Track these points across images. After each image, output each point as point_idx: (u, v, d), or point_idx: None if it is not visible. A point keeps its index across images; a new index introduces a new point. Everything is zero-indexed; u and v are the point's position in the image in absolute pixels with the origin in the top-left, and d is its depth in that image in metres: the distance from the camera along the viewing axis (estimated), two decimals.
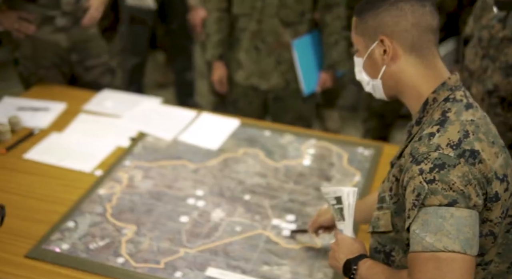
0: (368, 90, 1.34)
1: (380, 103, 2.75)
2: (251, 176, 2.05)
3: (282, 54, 2.57)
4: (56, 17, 2.43)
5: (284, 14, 2.49)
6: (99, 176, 2.03)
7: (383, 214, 1.27)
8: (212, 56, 2.68)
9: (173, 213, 1.86)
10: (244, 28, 2.57)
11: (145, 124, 2.33)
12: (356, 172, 2.08)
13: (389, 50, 1.23)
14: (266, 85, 2.63)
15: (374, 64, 1.28)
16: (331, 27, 2.54)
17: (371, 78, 1.30)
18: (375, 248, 1.32)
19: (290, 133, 2.30)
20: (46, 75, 2.57)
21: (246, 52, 2.60)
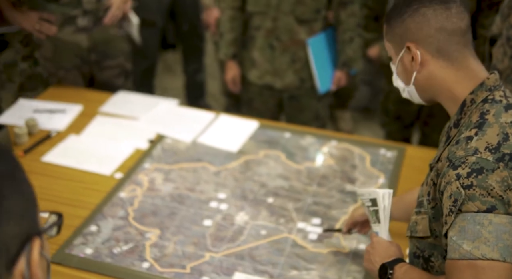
0: (405, 96, 1.33)
1: (396, 107, 2.72)
2: (273, 178, 2.02)
3: (296, 52, 2.54)
4: (77, 17, 2.41)
5: (299, 12, 2.46)
6: (119, 179, 2.00)
7: (421, 219, 1.25)
8: (225, 55, 2.66)
9: (196, 217, 1.83)
10: (258, 26, 2.54)
11: (163, 126, 2.30)
12: (380, 174, 2.05)
13: (416, 56, 1.22)
14: (280, 84, 2.60)
15: (405, 71, 1.27)
16: (346, 24, 2.52)
17: (405, 85, 1.29)
18: (414, 253, 1.30)
19: (310, 135, 2.27)
20: (66, 76, 2.54)
21: (260, 50, 2.57)
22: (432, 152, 2.23)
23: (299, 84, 2.60)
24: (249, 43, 2.61)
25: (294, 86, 2.61)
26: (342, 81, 2.63)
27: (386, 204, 1.32)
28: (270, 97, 2.66)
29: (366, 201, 1.38)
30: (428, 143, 2.73)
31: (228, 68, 2.69)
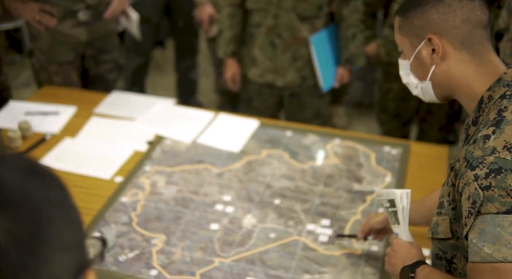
0: (416, 93, 1.28)
1: (395, 104, 2.69)
2: (278, 179, 1.97)
3: (298, 50, 2.49)
4: (79, 11, 2.35)
5: (301, 8, 2.41)
6: (119, 183, 1.94)
7: (442, 220, 1.21)
8: (225, 53, 2.60)
9: (202, 221, 1.77)
10: (258, 23, 2.48)
11: (161, 127, 2.24)
12: (386, 172, 2.01)
13: (438, 48, 1.17)
14: (281, 82, 2.55)
15: (422, 65, 1.21)
16: (348, 20, 2.47)
17: (419, 81, 1.24)
18: (436, 254, 1.26)
19: (312, 133, 2.22)
20: (58, 71, 2.48)
21: (261, 48, 2.52)
22: (437, 149, 2.20)
23: (301, 82, 2.55)
24: (248, 40, 2.56)
25: (296, 84, 2.56)
26: (345, 78, 2.59)
27: (405, 205, 1.28)
28: (270, 96, 2.61)
29: (384, 202, 1.34)
30: (426, 140, 2.70)
31: (228, 66, 2.63)
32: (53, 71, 2.48)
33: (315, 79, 2.55)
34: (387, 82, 2.66)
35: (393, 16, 2.52)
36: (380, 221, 1.59)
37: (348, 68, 2.57)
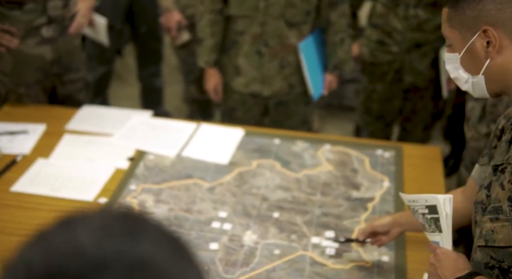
0: (465, 88, 1.19)
1: (379, 106, 2.64)
2: (273, 190, 1.88)
3: (286, 58, 2.37)
4: (42, 27, 2.17)
5: (290, 15, 2.30)
6: (104, 204, 1.80)
7: (501, 226, 1.12)
8: (206, 63, 2.46)
9: (200, 241, 1.66)
10: (242, 31, 2.36)
11: (141, 141, 2.11)
12: (383, 177, 1.94)
13: (494, 41, 1.10)
14: (268, 91, 2.43)
15: (474, 59, 1.14)
16: (336, 25, 2.37)
17: (471, 75, 1.16)
18: (487, 263, 1.17)
19: (301, 140, 2.14)
20: (27, 93, 2.29)
21: (246, 57, 2.39)
22: (429, 150, 2.16)
23: (288, 90, 2.44)
24: (231, 49, 2.42)
25: (283, 92, 2.44)
26: (333, 85, 2.50)
27: (448, 211, 1.20)
28: (254, 105, 2.49)
29: (420, 208, 1.25)
30: (409, 140, 2.66)
31: (209, 76, 2.49)
32: (22, 93, 2.30)
33: (303, 87, 2.45)
34: (371, 83, 2.60)
35: (375, 15, 2.47)
36: (384, 224, 1.51)
37: (336, 74, 2.49)
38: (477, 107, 1.98)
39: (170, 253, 0.49)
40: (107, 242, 0.49)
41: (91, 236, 0.49)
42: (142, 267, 0.47)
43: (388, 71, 2.52)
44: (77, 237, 0.49)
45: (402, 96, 2.59)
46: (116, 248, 0.48)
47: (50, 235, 0.51)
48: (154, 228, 0.51)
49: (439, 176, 1.97)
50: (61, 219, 0.53)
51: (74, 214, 0.54)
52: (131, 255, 0.48)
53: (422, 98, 2.59)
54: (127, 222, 0.51)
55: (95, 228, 0.50)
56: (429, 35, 2.43)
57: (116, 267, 0.47)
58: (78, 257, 0.48)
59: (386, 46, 2.48)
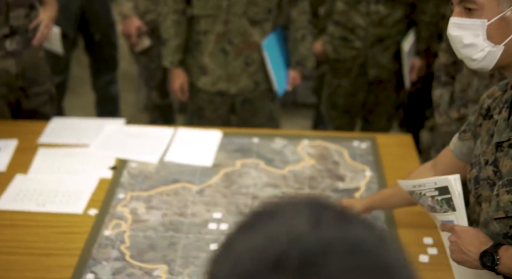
0: (477, 57, 1.19)
1: (345, 100, 2.72)
2: (262, 188, 1.91)
3: (250, 55, 2.43)
4: (5, 39, 2.11)
5: (253, 12, 2.36)
6: (95, 215, 1.78)
7: None
8: (171, 63, 2.48)
9: (200, 243, 1.67)
10: (206, 30, 2.40)
11: (121, 150, 2.09)
12: (364, 167, 2.02)
13: None
14: (234, 89, 2.48)
15: (504, 28, 1.16)
16: (297, 22, 2.45)
17: (492, 44, 1.17)
18: (506, 234, 1.22)
19: (279, 137, 2.18)
20: None
21: (211, 56, 2.43)
22: (401, 138, 2.26)
23: (254, 87, 2.50)
24: (195, 49, 2.46)
25: (249, 90, 2.50)
26: (296, 81, 2.56)
27: (460, 189, 1.27)
28: (221, 104, 2.53)
29: (428, 191, 1.31)
30: (373, 130, 2.76)
31: (175, 76, 2.52)
32: None
33: (268, 84, 2.51)
34: (336, 78, 2.68)
35: (335, 12, 2.54)
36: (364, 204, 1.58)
37: (299, 70, 2.56)
38: (445, 94, 2.09)
39: (376, 236, 0.52)
40: (323, 228, 0.51)
41: (305, 224, 0.51)
42: (359, 250, 0.50)
43: (353, 66, 2.61)
44: (291, 226, 0.51)
45: (367, 89, 2.68)
46: (334, 233, 0.50)
47: (260, 226, 0.53)
48: (354, 214, 0.54)
49: (415, 162, 2.06)
50: (260, 212, 0.55)
51: (268, 207, 0.56)
52: (348, 239, 0.50)
53: (385, 90, 2.69)
54: (329, 210, 0.53)
55: (304, 216, 0.52)
56: (390, 29, 2.53)
57: (338, 250, 0.49)
58: (299, 243, 0.49)
59: (350, 42, 2.57)
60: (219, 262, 0.53)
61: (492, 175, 1.24)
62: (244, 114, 2.57)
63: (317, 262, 0.48)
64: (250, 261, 0.50)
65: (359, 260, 0.49)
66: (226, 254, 0.53)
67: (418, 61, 2.64)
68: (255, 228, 0.53)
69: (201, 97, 2.54)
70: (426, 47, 2.62)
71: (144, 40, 2.87)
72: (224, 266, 0.52)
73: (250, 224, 0.54)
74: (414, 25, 2.60)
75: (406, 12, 2.52)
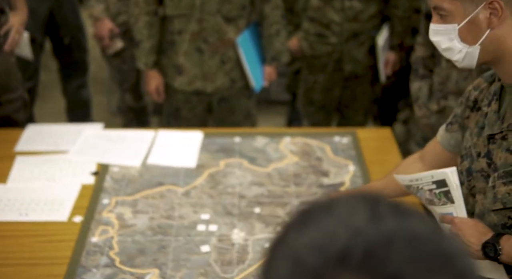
0: (456, 58, 1.24)
1: (322, 96, 2.73)
2: (248, 187, 1.91)
3: (226, 53, 2.43)
4: None
5: (226, 10, 2.35)
6: (81, 222, 1.75)
7: None
8: (146, 65, 2.46)
9: (190, 245, 1.66)
10: (180, 30, 2.38)
11: (101, 155, 2.06)
12: (347, 161, 2.03)
13: (500, 12, 1.16)
14: (211, 87, 2.47)
15: (475, 29, 1.19)
16: (271, 17, 2.46)
17: (467, 45, 1.21)
18: (504, 224, 1.24)
19: (260, 135, 2.18)
20: None
21: (186, 55, 2.41)
22: (381, 132, 2.28)
23: (230, 85, 2.49)
24: (169, 49, 2.44)
25: (225, 87, 2.49)
26: (272, 76, 2.57)
27: (457, 182, 1.28)
28: (198, 103, 2.52)
29: (425, 184, 1.33)
30: (349, 125, 2.78)
31: (150, 78, 2.49)
32: None
33: (244, 81, 2.51)
34: (312, 74, 2.69)
35: (310, 9, 2.55)
36: None
37: (275, 65, 2.56)
38: (424, 87, 2.12)
39: (432, 226, 0.52)
40: (381, 221, 0.51)
41: (363, 218, 0.51)
42: (420, 239, 0.50)
43: (328, 62, 2.63)
44: (349, 221, 0.51)
45: (343, 84, 2.70)
46: (393, 225, 0.51)
47: (316, 223, 0.52)
48: (406, 206, 0.54)
49: (396, 155, 2.09)
50: (312, 209, 0.54)
51: (320, 204, 0.55)
52: (407, 229, 0.51)
53: (361, 85, 2.72)
54: (383, 203, 0.53)
55: (361, 210, 0.52)
56: (364, 24, 2.55)
57: (399, 241, 0.49)
58: (360, 237, 0.50)
59: (325, 38, 2.58)
60: (276, 261, 0.53)
61: (486, 167, 1.26)
62: (221, 112, 2.57)
63: (380, 255, 0.49)
64: (312, 257, 0.50)
65: (421, 250, 0.50)
66: (282, 252, 0.53)
67: (392, 55, 2.67)
68: (310, 225, 0.53)
69: (177, 98, 2.52)
70: (400, 42, 2.65)
71: (116, 42, 2.83)
72: (282, 265, 0.52)
73: (303, 222, 0.54)
74: (387, 20, 2.63)
75: (380, 7, 2.55)
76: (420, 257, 0.49)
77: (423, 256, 0.49)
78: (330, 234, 0.51)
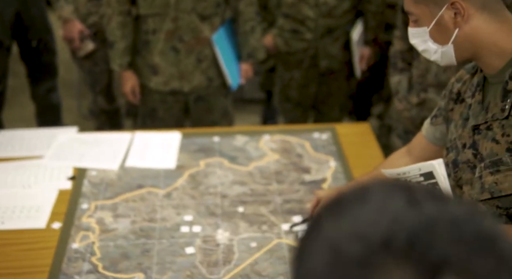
0: (434, 58, 1.26)
1: (297, 92, 2.72)
2: (230, 186, 1.88)
3: (202, 51, 2.40)
4: None
5: (201, 8, 2.32)
6: (60, 229, 1.70)
7: (504, 176, 1.19)
8: (121, 66, 2.41)
9: (174, 247, 1.63)
10: (155, 29, 2.34)
11: (78, 159, 2.01)
12: (328, 157, 2.02)
13: (462, 11, 1.18)
14: (188, 87, 2.44)
15: (443, 30, 1.21)
16: (245, 14, 2.43)
17: (440, 45, 1.23)
18: (493, 214, 1.25)
19: (240, 134, 2.16)
20: None
21: (161, 55, 2.38)
22: (360, 127, 2.28)
23: (207, 84, 2.46)
24: (144, 49, 2.39)
25: (202, 86, 2.46)
26: (249, 73, 2.55)
27: (444, 174, 1.28)
28: (174, 103, 2.48)
29: (414, 177, 1.32)
30: (326, 121, 2.78)
31: (125, 79, 2.45)
32: None
33: (221, 79, 2.48)
34: (288, 71, 2.68)
35: (284, 5, 2.54)
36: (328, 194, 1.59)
37: (251, 62, 2.54)
38: (403, 80, 2.12)
39: (470, 209, 0.52)
40: (420, 206, 0.50)
41: (402, 205, 0.50)
42: (460, 223, 0.50)
43: (304, 58, 2.62)
44: (388, 207, 0.50)
45: (318, 80, 2.70)
46: (432, 209, 0.50)
47: (352, 211, 0.51)
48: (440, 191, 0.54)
49: (376, 149, 2.09)
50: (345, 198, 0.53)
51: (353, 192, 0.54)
52: (447, 213, 0.50)
53: (336, 81, 2.72)
54: (418, 189, 0.52)
55: (397, 197, 0.51)
56: (339, 20, 2.55)
57: (440, 225, 0.49)
58: (402, 223, 0.48)
59: (300, 34, 2.57)
60: (311, 254, 0.51)
61: (472, 158, 1.26)
62: (198, 112, 2.54)
63: (424, 240, 0.48)
64: (354, 247, 0.49)
65: (464, 232, 0.49)
66: (318, 244, 0.51)
67: (367, 50, 2.68)
68: (346, 214, 0.51)
69: (153, 98, 2.48)
70: (374, 37, 2.66)
71: (87, 44, 2.77)
72: (320, 257, 0.50)
73: (337, 211, 0.52)
74: (361, 15, 2.63)
75: (354, 2, 2.55)
76: (464, 240, 0.49)
77: (466, 238, 0.49)
78: (370, 222, 0.49)
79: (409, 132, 2.15)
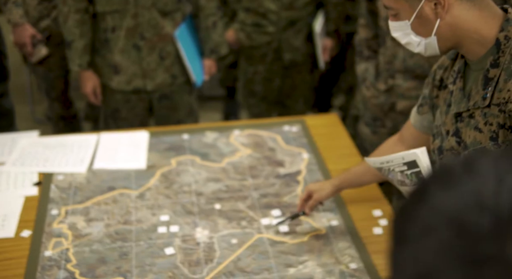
0: (418, 50, 1.26)
1: (262, 86, 2.70)
2: (204, 184, 1.84)
3: (164, 48, 2.33)
4: None
5: (162, 3, 2.26)
6: (30, 237, 1.62)
7: None
8: (80, 66, 2.32)
9: (153, 249, 1.58)
10: (114, 26, 2.26)
11: (42, 163, 1.93)
12: (300, 150, 2.01)
13: (443, 1, 1.18)
14: (151, 85, 2.37)
15: (425, 22, 1.21)
16: (206, 9, 2.38)
17: (423, 38, 1.23)
18: None
19: (209, 130, 2.12)
20: None
21: (123, 53, 2.30)
22: (329, 118, 2.27)
23: (171, 81, 2.40)
24: (103, 47, 2.31)
25: (166, 84, 2.40)
26: (212, 69, 2.50)
27: (427, 162, 1.28)
28: (138, 102, 2.41)
29: (396, 166, 1.32)
30: (290, 114, 2.77)
31: (85, 79, 2.35)
32: None
33: (185, 76, 2.43)
34: (252, 65, 2.65)
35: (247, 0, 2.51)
36: (327, 194, 1.58)
37: (214, 58, 2.50)
38: (370, 67, 2.13)
39: None
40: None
41: None
42: None
43: (267, 51, 2.60)
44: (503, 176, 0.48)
45: (282, 74, 2.68)
46: None
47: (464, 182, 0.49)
48: None
49: (347, 139, 2.09)
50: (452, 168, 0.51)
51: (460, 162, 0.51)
52: None
53: (300, 73, 2.71)
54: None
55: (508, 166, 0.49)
56: (300, 12, 2.54)
57: None
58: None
59: (263, 28, 2.55)
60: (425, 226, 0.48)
61: (456, 145, 1.27)
62: (163, 110, 2.47)
63: None
64: (481, 218, 0.46)
65: None
66: (432, 215, 0.49)
67: (329, 42, 2.68)
68: (462, 184, 0.49)
69: (115, 98, 2.41)
70: (336, 28, 2.66)
71: (40, 49, 2.64)
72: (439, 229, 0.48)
73: (448, 182, 0.50)
74: (322, 6, 2.63)
75: None
76: None
77: None
78: (491, 192, 0.47)
79: (378, 119, 2.16)
